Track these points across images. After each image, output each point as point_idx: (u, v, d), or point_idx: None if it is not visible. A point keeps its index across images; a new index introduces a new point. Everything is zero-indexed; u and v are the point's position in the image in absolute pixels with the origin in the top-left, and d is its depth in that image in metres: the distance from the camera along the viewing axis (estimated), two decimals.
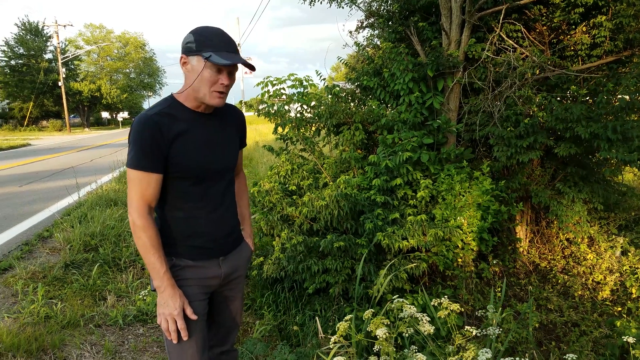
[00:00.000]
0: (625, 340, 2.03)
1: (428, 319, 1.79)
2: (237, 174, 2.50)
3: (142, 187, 1.94)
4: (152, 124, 1.93)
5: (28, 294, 4.44)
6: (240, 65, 1.99)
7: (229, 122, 2.25)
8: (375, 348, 2.08)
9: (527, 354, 3.26)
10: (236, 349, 2.61)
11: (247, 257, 2.42)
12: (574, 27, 5.32)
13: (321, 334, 3.41)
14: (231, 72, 2.00)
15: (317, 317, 3.91)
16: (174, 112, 2.01)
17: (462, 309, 4.47)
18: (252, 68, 2.04)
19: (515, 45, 5.21)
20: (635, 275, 4.77)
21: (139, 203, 1.94)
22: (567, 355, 1.69)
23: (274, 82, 5.72)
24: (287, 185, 5.54)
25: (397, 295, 1.93)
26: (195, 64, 1.95)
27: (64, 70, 46.17)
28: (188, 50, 1.97)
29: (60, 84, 45.20)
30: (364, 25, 7.43)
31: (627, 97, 4.58)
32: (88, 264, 5.35)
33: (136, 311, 4.35)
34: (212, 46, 1.92)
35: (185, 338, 1.99)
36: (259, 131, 26.70)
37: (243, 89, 38.60)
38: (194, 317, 2.02)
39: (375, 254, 4.65)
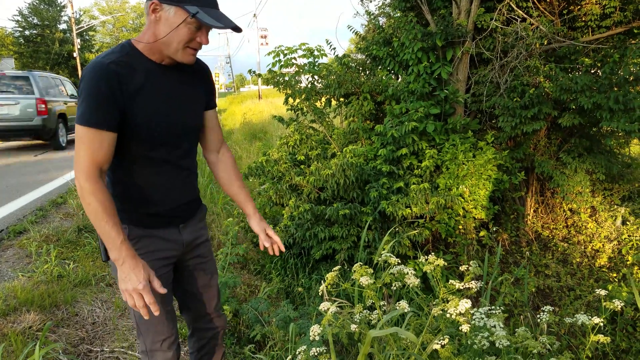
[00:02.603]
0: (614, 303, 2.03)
1: (414, 272, 1.89)
2: (220, 147, 2.20)
3: (93, 147, 1.67)
4: (110, 74, 1.67)
5: (42, 255, 4.59)
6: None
7: (192, 76, 1.97)
8: (368, 303, 2.19)
9: (522, 316, 3.38)
10: (223, 313, 2.37)
11: (204, 219, 2.20)
12: None
13: (326, 296, 3.53)
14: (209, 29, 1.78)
15: (322, 281, 4.04)
16: (132, 61, 1.75)
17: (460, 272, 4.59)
18: (238, 30, 1.80)
19: (525, 16, 5.20)
20: (631, 243, 4.85)
21: (88, 165, 1.67)
22: (545, 307, 1.79)
23: (285, 52, 5.74)
24: (295, 156, 5.62)
25: (398, 261, 2.02)
26: (172, 15, 1.68)
27: (78, 41, 45.94)
28: None
29: (75, 54, 45.12)
30: None
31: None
32: None
33: None
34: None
35: (156, 313, 1.69)
36: (275, 104, 26.59)
37: (259, 61, 38.44)
38: (162, 290, 1.73)
39: (380, 222, 4.75)
